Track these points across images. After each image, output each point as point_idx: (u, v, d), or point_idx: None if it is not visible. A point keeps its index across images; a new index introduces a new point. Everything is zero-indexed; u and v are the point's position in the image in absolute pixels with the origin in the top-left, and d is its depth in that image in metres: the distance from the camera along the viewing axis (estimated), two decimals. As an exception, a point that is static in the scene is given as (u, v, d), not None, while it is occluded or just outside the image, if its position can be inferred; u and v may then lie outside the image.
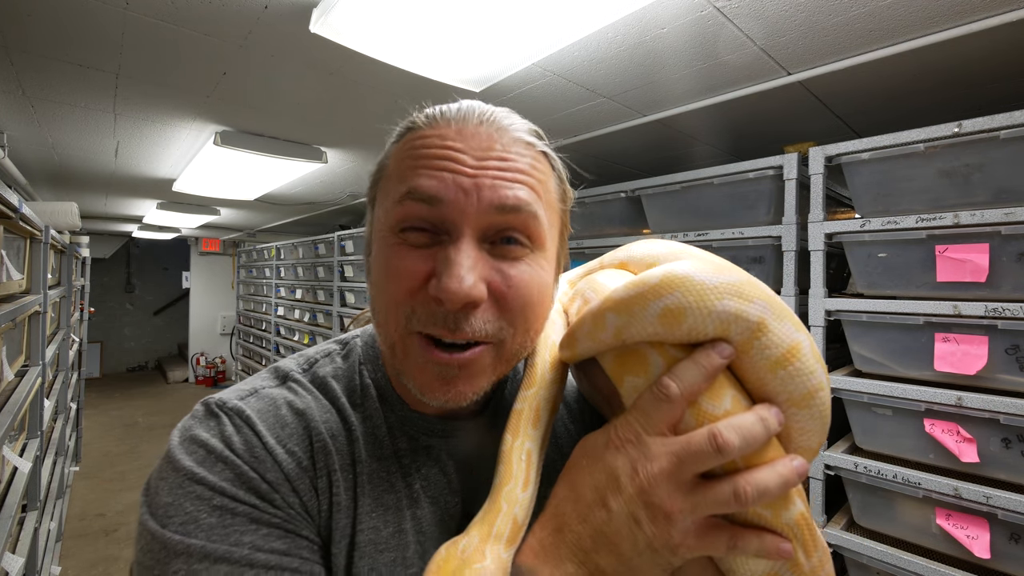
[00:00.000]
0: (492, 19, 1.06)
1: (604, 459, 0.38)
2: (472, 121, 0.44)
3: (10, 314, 1.43)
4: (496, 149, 0.43)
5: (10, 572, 1.33)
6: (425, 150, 0.43)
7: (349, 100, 1.62)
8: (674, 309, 0.35)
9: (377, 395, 0.50)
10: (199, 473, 0.39)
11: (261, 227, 5.37)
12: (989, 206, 1.11)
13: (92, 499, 3.50)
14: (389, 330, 0.44)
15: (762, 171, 1.49)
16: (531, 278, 0.44)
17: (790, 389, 0.36)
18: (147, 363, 8.19)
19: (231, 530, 0.38)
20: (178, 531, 0.37)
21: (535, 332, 0.47)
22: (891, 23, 1.10)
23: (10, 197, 1.45)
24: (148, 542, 0.38)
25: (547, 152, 0.47)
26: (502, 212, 0.42)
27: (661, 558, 0.35)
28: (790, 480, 0.34)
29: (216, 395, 0.46)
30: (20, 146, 2.19)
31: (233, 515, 0.38)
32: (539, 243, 0.44)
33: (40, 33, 1.21)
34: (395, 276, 0.42)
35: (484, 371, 0.44)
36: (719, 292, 0.35)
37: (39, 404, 1.96)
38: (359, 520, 0.44)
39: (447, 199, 0.41)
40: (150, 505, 0.39)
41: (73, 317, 3.82)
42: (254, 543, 0.38)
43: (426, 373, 0.43)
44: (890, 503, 1.27)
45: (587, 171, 2.47)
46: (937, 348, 1.18)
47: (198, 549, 0.37)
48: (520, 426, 0.45)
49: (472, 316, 0.41)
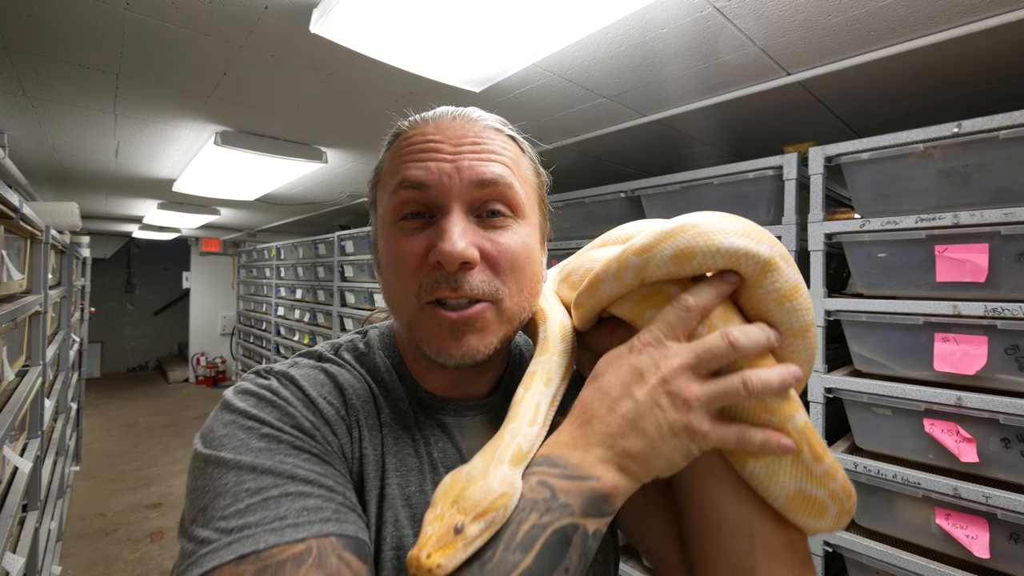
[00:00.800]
0: (492, 19, 1.06)
1: (628, 360, 0.43)
2: (447, 117, 0.52)
3: (11, 314, 1.43)
4: (469, 136, 0.50)
5: (11, 572, 1.33)
6: (411, 147, 0.51)
7: (349, 100, 1.62)
8: (684, 249, 0.41)
9: (397, 377, 0.56)
10: (251, 411, 0.45)
11: (261, 227, 5.37)
12: (989, 206, 1.11)
13: (92, 499, 3.51)
14: (406, 307, 0.50)
15: (762, 171, 1.49)
16: (517, 242, 0.50)
17: (791, 320, 0.42)
18: (147, 363, 8.20)
19: (276, 452, 0.43)
20: (230, 452, 0.42)
21: (528, 292, 0.53)
22: (891, 23, 1.10)
23: (10, 197, 1.45)
24: (202, 466, 0.43)
25: (514, 136, 0.55)
26: (482, 186, 0.49)
27: (682, 443, 0.40)
28: (787, 380, 0.40)
29: (262, 365, 0.53)
30: (20, 146, 2.19)
31: (279, 442, 0.44)
32: (519, 211, 0.51)
33: (40, 33, 1.21)
34: (400, 259, 0.49)
35: (489, 327, 0.49)
36: (725, 233, 0.41)
37: (39, 404, 1.96)
38: (387, 475, 0.49)
39: (433, 183, 0.48)
40: (204, 439, 0.44)
41: (73, 317, 3.82)
42: (296, 463, 0.43)
43: (440, 334, 0.48)
44: (890, 503, 1.27)
45: (587, 171, 2.48)
46: (937, 348, 1.18)
47: (247, 463, 0.41)
48: (532, 383, 0.48)
49: (469, 275, 0.47)
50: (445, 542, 0.35)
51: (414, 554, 0.35)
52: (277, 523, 0.39)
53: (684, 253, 0.41)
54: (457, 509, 0.37)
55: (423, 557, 0.35)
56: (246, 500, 0.40)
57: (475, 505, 0.37)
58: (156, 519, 3.25)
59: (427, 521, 0.38)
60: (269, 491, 0.40)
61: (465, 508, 0.37)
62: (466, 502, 0.37)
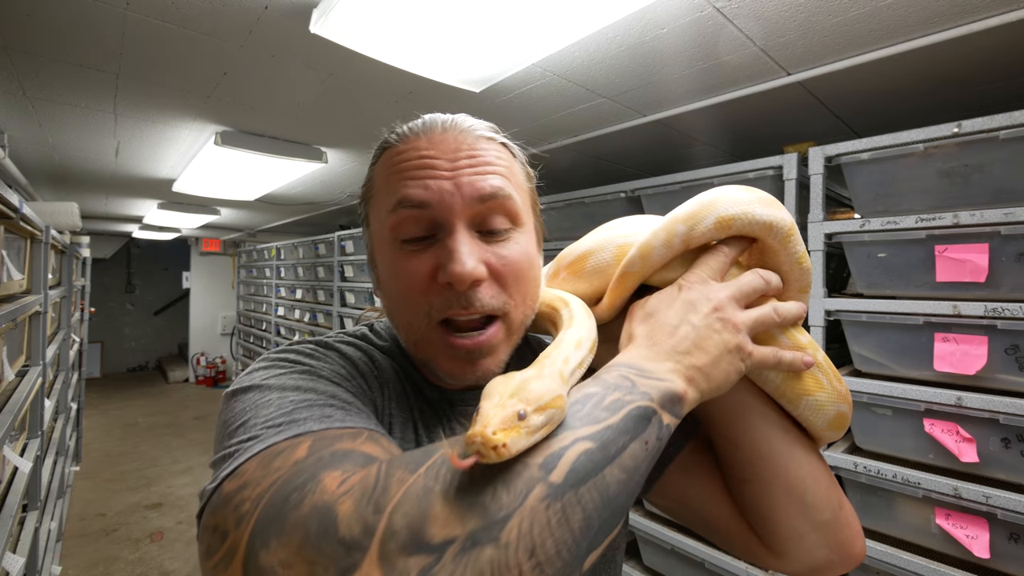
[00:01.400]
0: (492, 20, 1.06)
1: (680, 296, 0.48)
2: (437, 129, 0.51)
3: (11, 314, 1.43)
4: (464, 149, 0.50)
5: (11, 572, 1.33)
6: (405, 163, 0.50)
7: (349, 100, 1.62)
8: (725, 217, 0.50)
9: (410, 363, 0.57)
10: (289, 357, 0.47)
11: (261, 227, 5.37)
12: (989, 206, 1.11)
13: (92, 499, 3.51)
14: (413, 329, 0.51)
15: (762, 171, 1.49)
16: (519, 252, 0.52)
17: (801, 280, 0.53)
18: (147, 363, 8.19)
19: (318, 381, 0.45)
20: (272, 380, 0.43)
21: (531, 299, 0.54)
22: (891, 23, 1.10)
23: (10, 197, 1.45)
24: (240, 394, 0.43)
25: (506, 143, 0.55)
26: (483, 201, 0.49)
27: (735, 360, 0.46)
28: (801, 311, 0.51)
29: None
30: (20, 146, 2.19)
31: (319, 377, 0.46)
32: (518, 221, 0.52)
33: (40, 33, 1.21)
34: (406, 282, 0.49)
35: (501, 345, 0.51)
36: (758, 203, 0.50)
37: (40, 404, 1.96)
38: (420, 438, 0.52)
39: (434, 202, 0.48)
40: (240, 383, 0.45)
41: (73, 317, 3.82)
42: (335, 391, 0.45)
43: (454, 361, 0.50)
44: (890, 503, 1.27)
45: (587, 171, 2.48)
46: (937, 348, 1.18)
47: (291, 384, 0.43)
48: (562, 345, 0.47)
49: (479, 292, 0.48)
50: (509, 424, 0.34)
51: (477, 431, 0.32)
52: (326, 419, 0.39)
53: (725, 221, 0.50)
54: (518, 399, 0.36)
55: (488, 433, 0.32)
56: (291, 407, 0.40)
57: (537, 398, 0.36)
58: (156, 519, 3.25)
59: (484, 408, 0.35)
60: (314, 401, 0.41)
61: (527, 399, 0.36)
62: (527, 394, 0.36)
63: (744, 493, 0.55)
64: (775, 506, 0.52)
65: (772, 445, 0.52)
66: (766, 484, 0.52)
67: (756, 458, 0.53)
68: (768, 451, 0.52)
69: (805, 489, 0.52)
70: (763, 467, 0.52)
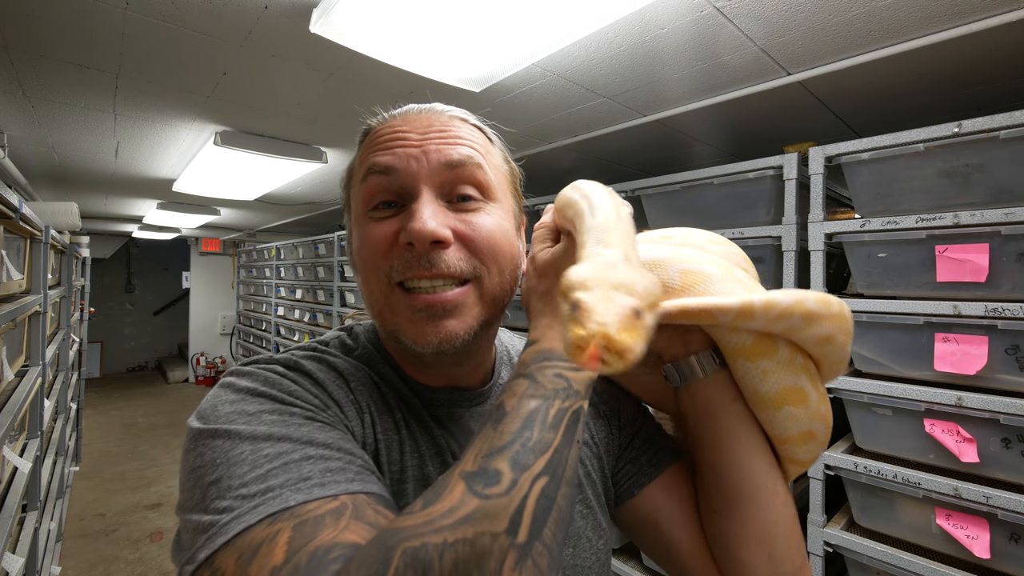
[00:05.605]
0: (492, 19, 1.06)
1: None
2: (414, 111, 0.53)
3: (10, 314, 1.43)
4: (436, 125, 0.51)
5: (10, 572, 1.33)
6: (379, 139, 0.51)
7: (349, 100, 1.62)
8: (825, 336, 0.48)
9: (390, 368, 0.55)
10: (258, 388, 0.44)
11: (261, 227, 5.37)
12: (989, 206, 1.11)
13: (92, 499, 3.51)
14: (375, 293, 0.49)
15: (762, 171, 1.49)
16: (492, 223, 0.50)
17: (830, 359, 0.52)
18: (147, 363, 8.19)
19: (290, 423, 0.42)
20: (242, 425, 0.41)
21: (510, 275, 0.52)
22: (891, 23, 1.10)
23: (10, 197, 1.45)
24: (208, 440, 0.40)
25: (480, 126, 0.55)
26: (450, 168, 0.49)
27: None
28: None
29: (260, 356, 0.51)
30: (20, 146, 2.19)
31: (291, 415, 0.43)
32: (490, 193, 0.51)
33: (40, 33, 1.21)
34: (370, 244, 0.49)
35: (469, 308, 0.48)
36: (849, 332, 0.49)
37: (39, 404, 1.96)
38: (405, 456, 0.50)
39: (400, 167, 0.48)
40: (205, 418, 0.42)
41: (73, 317, 3.82)
42: (312, 431, 0.42)
43: (415, 320, 0.47)
44: (890, 503, 1.27)
45: (587, 171, 2.47)
46: (937, 348, 1.18)
47: (263, 432, 0.40)
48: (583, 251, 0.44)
49: (444, 254, 0.47)
50: (629, 325, 0.29)
51: (597, 330, 0.28)
52: (303, 483, 0.37)
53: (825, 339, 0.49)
54: (626, 292, 0.31)
55: (614, 333, 0.28)
56: (266, 466, 0.38)
57: (648, 295, 0.32)
58: (156, 519, 3.25)
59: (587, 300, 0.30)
60: (289, 455, 0.39)
61: (639, 295, 0.32)
62: (634, 288, 0.32)
63: (717, 526, 0.54)
64: (744, 547, 0.52)
65: (756, 483, 0.52)
66: (740, 524, 0.52)
67: (738, 495, 0.52)
68: (750, 491, 0.52)
69: (776, 539, 0.51)
70: (743, 506, 0.52)
